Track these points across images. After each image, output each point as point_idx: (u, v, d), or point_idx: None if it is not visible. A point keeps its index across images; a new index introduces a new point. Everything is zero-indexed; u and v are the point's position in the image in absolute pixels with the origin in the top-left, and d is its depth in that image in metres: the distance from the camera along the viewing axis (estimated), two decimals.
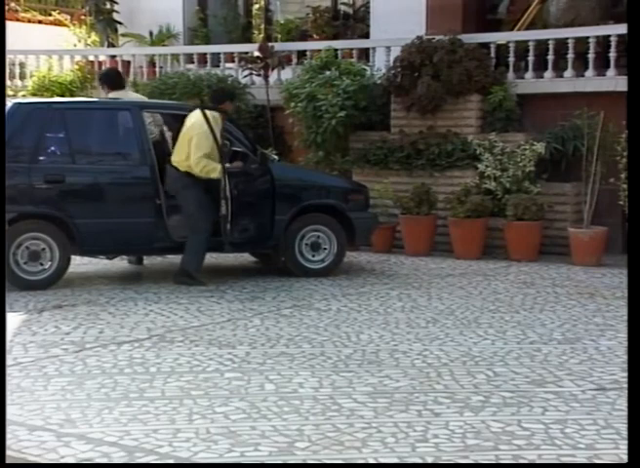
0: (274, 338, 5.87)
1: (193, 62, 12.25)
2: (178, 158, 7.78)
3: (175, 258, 8.35)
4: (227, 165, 7.88)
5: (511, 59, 9.99)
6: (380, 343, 5.73)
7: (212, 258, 9.25)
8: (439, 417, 4.30)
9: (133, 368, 5.17)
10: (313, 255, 8.24)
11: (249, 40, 13.37)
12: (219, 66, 11.92)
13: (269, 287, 7.70)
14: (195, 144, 7.63)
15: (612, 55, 9.33)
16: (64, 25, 14.74)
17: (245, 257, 9.14)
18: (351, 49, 11.22)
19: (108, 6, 13.56)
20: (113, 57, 12.97)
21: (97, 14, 13.52)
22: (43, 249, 7.47)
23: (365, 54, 11.19)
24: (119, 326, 6.22)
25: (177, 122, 8.58)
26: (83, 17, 14.29)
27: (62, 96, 12.10)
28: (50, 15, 15.83)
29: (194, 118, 7.76)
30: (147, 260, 9.07)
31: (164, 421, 4.27)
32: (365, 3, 12.71)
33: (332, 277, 8.09)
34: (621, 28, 9.70)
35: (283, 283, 7.85)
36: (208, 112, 7.77)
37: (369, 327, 6.19)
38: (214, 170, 7.66)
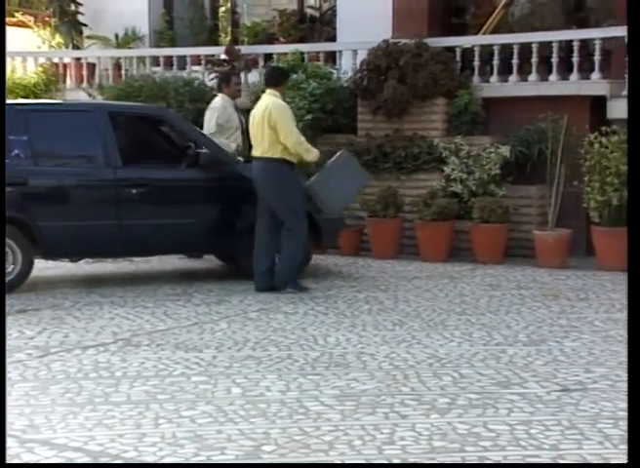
0: (241, 342, 5.86)
1: (159, 65, 12.19)
2: (261, 148, 7.53)
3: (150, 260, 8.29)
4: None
5: (477, 63, 10.07)
6: (347, 346, 5.74)
7: (178, 262, 9.23)
8: (406, 419, 4.32)
9: (98, 372, 5.13)
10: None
11: (215, 43, 13.33)
12: (185, 69, 11.89)
13: (236, 290, 7.67)
14: (284, 126, 7.35)
15: (575, 59, 9.43)
16: (28, 27, 14.58)
17: (212, 261, 9.10)
18: (318, 52, 11.24)
19: (73, 7, 13.46)
20: (78, 59, 12.88)
21: (61, 15, 13.42)
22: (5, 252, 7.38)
23: (332, 57, 11.21)
24: (84, 330, 6.17)
25: (143, 124, 8.57)
26: (47, 18, 14.16)
27: (27, 98, 11.98)
28: (13, 16, 15.65)
29: (266, 102, 7.54)
30: (115, 264, 9.01)
31: (130, 426, 4.24)
32: (331, 6, 12.74)
33: (298, 280, 8.06)
34: (584, 33, 9.85)
35: (249, 286, 7.81)
36: (273, 93, 7.60)
37: (336, 329, 6.19)
38: (310, 150, 7.49)
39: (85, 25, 13.48)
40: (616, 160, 8.41)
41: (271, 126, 7.37)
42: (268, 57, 11.48)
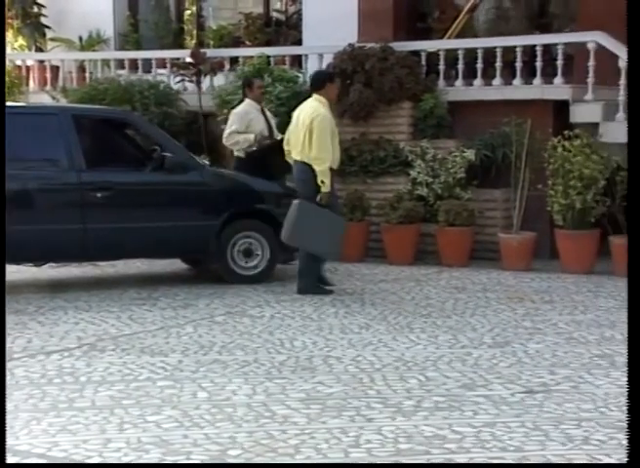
0: (207, 346, 5.84)
1: (124, 68, 12.12)
2: (298, 150, 7.52)
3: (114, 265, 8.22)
4: None
5: (442, 67, 10.12)
6: (313, 349, 5.74)
7: (143, 266, 9.18)
8: (372, 422, 4.33)
9: (62, 377, 5.08)
10: (246, 262, 8.23)
11: (181, 46, 13.28)
12: (150, 72, 11.82)
13: (202, 294, 7.65)
14: (317, 139, 7.35)
15: (538, 64, 9.52)
16: None
17: (178, 265, 9.06)
18: (284, 56, 11.24)
19: (36, 9, 13.34)
20: (41, 61, 12.76)
21: (24, 17, 13.28)
22: None
23: (298, 60, 11.21)
24: (48, 335, 6.11)
25: (108, 128, 8.51)
26: (9, 20, 14.00)
27: None
28: None
29: (310, 109, 7.52)
30: (80, 268, 8.94)
31: (94, 431, 4.21)
32: (297, 10, 12.76)
33: (265, 283, 8.08)
34: (547, 38, 9.96)
35: (216, 290, 7.80)
36: (318, 98, 7.57)
37: (302, 333, 6.19)
38: (325, 180, 7.39)
39: (48, 27, 13.37)
40: (579, 164, 8.50)
41: (310, 133, 7.39)
42: (234, 60, 11.46)
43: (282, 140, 8.14)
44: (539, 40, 9.74)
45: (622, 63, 8.95)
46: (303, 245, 7.49)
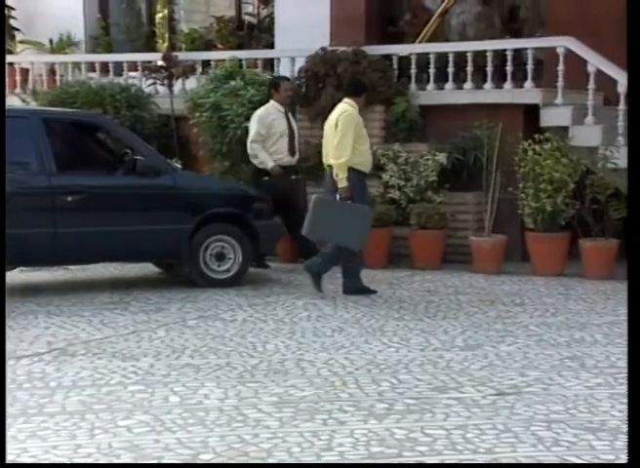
0: (179, 350, 5.82)
1: (95, 71, 12.05)
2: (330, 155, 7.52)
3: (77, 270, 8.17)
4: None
5: (413, 71, 10.16)
6: (286, 353, 5.74)
7: (115, 270, 9.13)
8: (344, 426, 4.33)
9: (32, 382, 5.04)
10: (218, 265, 8.21)
11: (152, 49, 13.22)
12: (121, 75, 11.77)
13: (174, 298, 7.62)
14: (340, 138, 7.36)
15: (508, 68, 9.59)
16: None
17: (150, 268, 9.02)
18: (256, 59, 11.23)
19: (5, 11, 13.22)
20: (11, 64, 12.65)
21: None
22: None
23: (270, 64, 11.21)
24: (18, 339, 6.06)
25: (79, 131, 8.47)
26: None
27: None
28: None
29: (339, 111, 7.52)
30: (51, 273, 8.87)
31: (64, 437, 4.18)
32: (269, 14, 12.75)
33: (238, 287, 8.07)
34: (517, 43, 10.03)
35: (188, 294, 7.78)
36: (349, 102, 7.56)
37: (275, 336, 6.19)
38: (342, 178, 7.34)
39: (18, 30, 13.26)
40: (549, 167, 8.57)
41: (336, 130, 7.41)
42: (206, 63, 11.44)
43: (296, 179, 8.45)
44: (509, 44, 9.81)
45: (591, 68, 9.05)
46: (329, 238, 7.53)
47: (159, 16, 14.00)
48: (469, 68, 9.82)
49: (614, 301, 7.41)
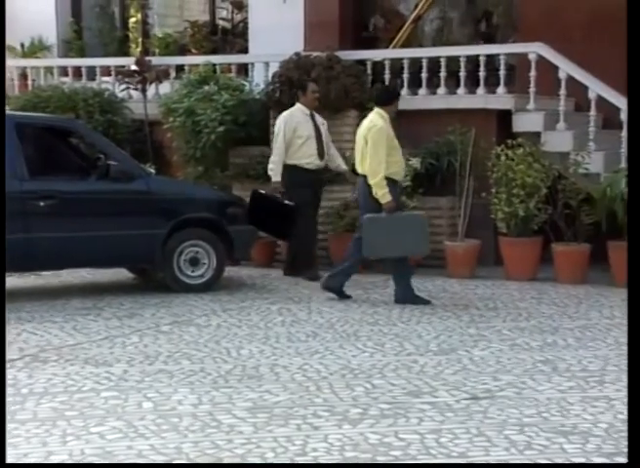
0: (153, 355, 5.79)
1: (68, 75, 11.98)
2: (361, 166, 7.47)
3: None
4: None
5: (387, 76, 10.20)
6: (260, 358, 5.73)
7: (88, 275, 9.07)
8: (318, 431, 4.33)
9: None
10: (192, 271, 8.19)
11: (126, 53, 13.17)
12: (94, 80, 11.70)
13: (148, 303, 7.59)
14: (371, 151, 7.31)
15: (481, 73, 9.65)
16: None
17: (123, 274, 8.98)
18: (230, 64, 11.22)
19: None
20: None
21: None
22: None
23: (244, 69, 11.20)
24: None
25: (52, 136, 8.41)
26: None
27: None
28: None
29: (370, 122, 7.47)
30: (22, 278, 8.79)
31: (35, 444, 4.14)
32: (243, 19, 12.75)
33: (212, 292, 8.05)
34: (490, 49, 10.10)
35: (162, 299, 7.75)
36: (379, 112, 7.49)
37: (249, 342, 6.18)
38: (383, 193, 7.28)
39: None
40: (521, 172, 8.63)
41: (366, 144, 7.37)
42: (180, 68, 11.41)
43: (292, 207, 8.28)
44: (482, 50, 9.87)
45: (562, 74, 9.13)
46: (391, 253, 7.49)
47: (132, 20, 13.95)
48: (443, 74, 9.87)
49: (586, 305, 7.47)
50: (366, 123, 7.55)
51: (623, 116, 8.86)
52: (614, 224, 8.36)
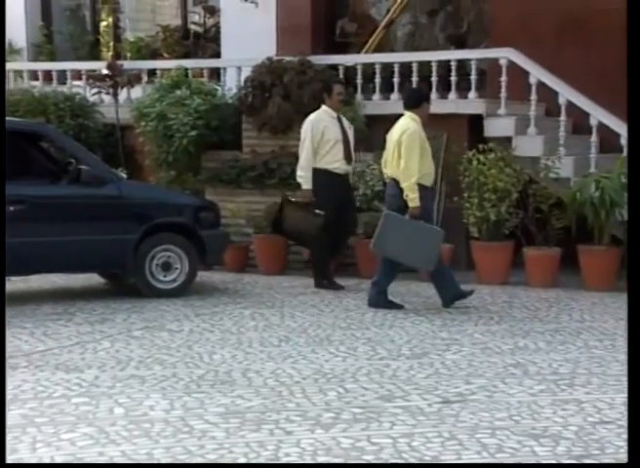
0: (124, 361, 5.76)
1: (38, 79, 11.89)
2: (391, 169, 7.45)
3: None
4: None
5: (359, 81, 10.23)
6: (232, 363, 5.72)
7: (59, 280, 9.00)
8: (291, 436, 4.33)
9: None
10: (165, 276, 8.16)
11: (97, 57, 13.11)
12: (65, 84, 11.64)
13: (120, 308, 7.55)
14: (406, 157, 7.27)
15: (453, 79, 9.70)
16: None
17: (95, 279, 8.92)
18: (202, 68, 11.19)
19: None
20: None
21: None
22: None
23: (216, 73, 11.19)
24: None
25: (22, 140, 8.34)
26: None
27: None
28: None
29: (403, 126, 7.44)
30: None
31: (5, 451, 4.10)
32: (216, 23, 12.74)
33: (184, 297, 8.02)
34: (461, 54, 10.16)
35: (134, 304, 7.71)
36: (411, 116, 7.48)
37: (222, 347, 6.16)
38: (414, 197, 7.24)
39: None
40: (493, 177, 8.68)
41: (399, 148, 7.33)
42: (152, 72, 11.37)
43: (322, 217, 8.12)
44: (453, 55, 9.93)
45: (533, 79, 9.20)
46: (394, 255, 7.42)
47: (104, 24, 13.88)
48: (415, 78, 9.90)
49: (556, 309, 7.53)
50: (398, 126, 7.51)
51: (593, 121, 8.95)
52: (584, 228, 8.44)
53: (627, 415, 4.36)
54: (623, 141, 8.77)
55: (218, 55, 12.12)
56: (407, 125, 7.43)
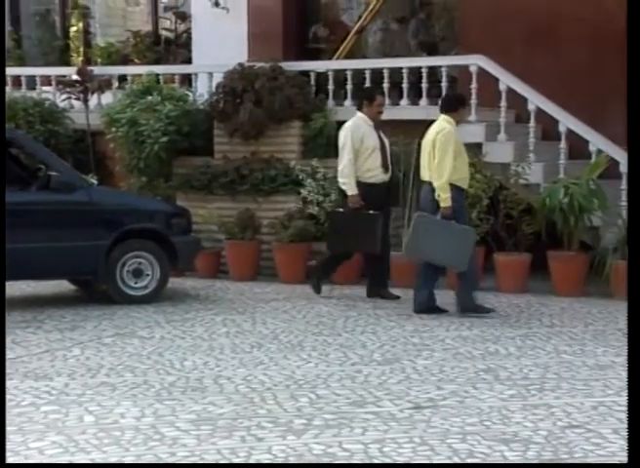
0: (95, 368, 5.72)
1: (6, 85, 11.79)
2: (426, 172, 7.48)
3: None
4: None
5: (331, 87, 10.25)
6: (204, 370, 5.70)
7: (28, 287, 8.92)
8: (262, 442, 4.32)
9: None
10: (136, 282, 8.12)
11: (67, 63, 13.02)
12: (35, 89, 11.55)
13: (90, 315, 7.50)
14: (440, 159, 7.29)
15: (424, 85, 9.75)
16: None
17: (65, 286, 8.85)
18: (173, 74, 11.16)
19: None
20: None
21: None
22: None
23: (187, 79, 11.16)
24: None
25: None
26: None
27: None
28: None
29: (438, 128, 7.44)
30: None
31: None
32: (187, 29, 12.71)
33: (155, 304, 7.99)
34: (432, 60, 10.22)
35: (105, 311, 7.66)
36: (447, 119, 7.47)
37: (193, 353, 6.14)
38: (445, 198, 7.26)
39: None
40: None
41: (433, 148, 7.34)
42: (122, 78, 11.32)
43: (377, 216, 7.92)
44: (424, 62, 9.97)
45: (502, 86, 9.26)
46: (429, 257, 7.40)
47: (74, 29, 13.80)
48: (386, 85, 9.94)
49: (527, 314, 7.58)
50: (434, 128, 7.55)
51: (562, 128, 9.03)
52: (553, 234, 8.51)
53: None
54: (592, 148, 8.86)
55: (189, 60, 12.10)
56: (442, 126, 7.48)
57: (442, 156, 7.33)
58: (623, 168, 8.74)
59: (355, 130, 8.18)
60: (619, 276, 8.18)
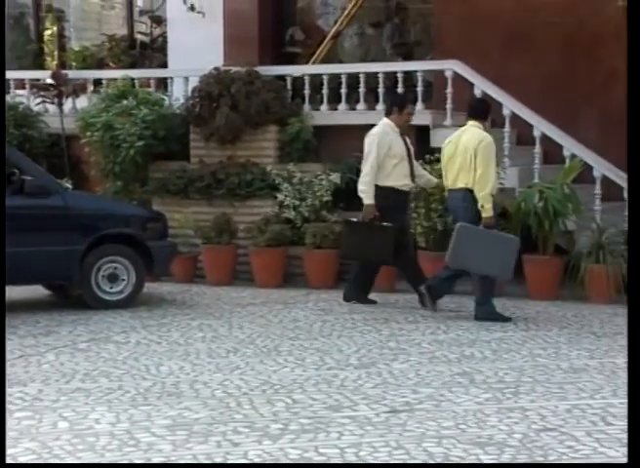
0: (69, 374, 5.68)
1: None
2: (451, 177, 7.52)
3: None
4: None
5: (307, 92, 10.26)
6: (180, 375, 5.68)
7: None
8: (238, 447, 4.31)
9: None
10: (111, 287, 8.08)
11: (41, 67, 12.96)
12: (8, 93, 11.47)
13: (65, 320, 7.45)
14: (483, 168, 7.27)
15: (399, 90, 9.78)
16: None
17: (39, 291, 8.79)
18: (149, 78, 11.12)
19: None
20: None
21: None
22: None
23: (163, 83, 11.13)
24: None
25: None
26: None
27: None
28: None
29: (475, 136, 7.36)
30: None
31: None
32: (162, 33, 12.68)
33: (131, 308, 7.95)
34: (407, 65, 10.27)
35: (80, 316, 7.62)
36: (478, 125, 7.44)
37: (169, 358, 6.12)
38: (488, 207, 7.30)
39: None
40: (440, 187, 8.75)
41: (474, 157, 7.29)
42: (97, 82, 11.27)
43: (392, 229, 7.78)
44: (400, 67, 10.01)
45: (477, 91, 9.31)
46: (474, 268, 7.36)
47: (48, 32, 13.72)
48: (362, 89, 9.98)
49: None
50: (469, 135, 7.45)
51: (536, 132, 9.10)
52: (528, 238, 8.56)
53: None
54: (566, 153, 8.93)
55: (164, 65, 12.07)
56: (481, 135, 7.42)
57: (486, 167, 7.31)
58: (597, 172, 8.84)
59: (383, 136, 7.97)
60: (593, 280, 8.25)
